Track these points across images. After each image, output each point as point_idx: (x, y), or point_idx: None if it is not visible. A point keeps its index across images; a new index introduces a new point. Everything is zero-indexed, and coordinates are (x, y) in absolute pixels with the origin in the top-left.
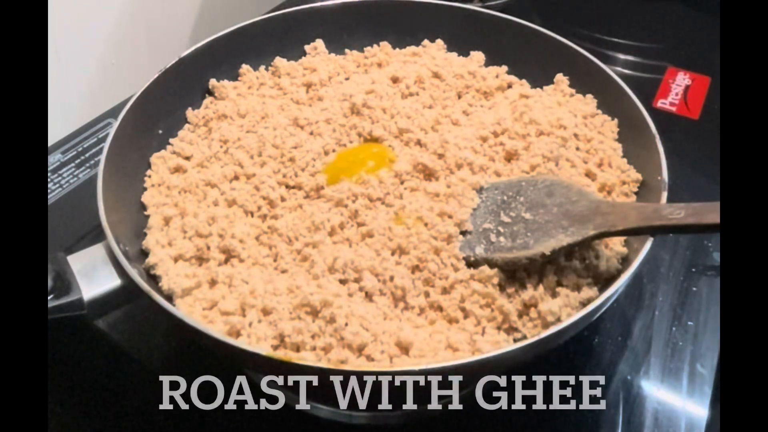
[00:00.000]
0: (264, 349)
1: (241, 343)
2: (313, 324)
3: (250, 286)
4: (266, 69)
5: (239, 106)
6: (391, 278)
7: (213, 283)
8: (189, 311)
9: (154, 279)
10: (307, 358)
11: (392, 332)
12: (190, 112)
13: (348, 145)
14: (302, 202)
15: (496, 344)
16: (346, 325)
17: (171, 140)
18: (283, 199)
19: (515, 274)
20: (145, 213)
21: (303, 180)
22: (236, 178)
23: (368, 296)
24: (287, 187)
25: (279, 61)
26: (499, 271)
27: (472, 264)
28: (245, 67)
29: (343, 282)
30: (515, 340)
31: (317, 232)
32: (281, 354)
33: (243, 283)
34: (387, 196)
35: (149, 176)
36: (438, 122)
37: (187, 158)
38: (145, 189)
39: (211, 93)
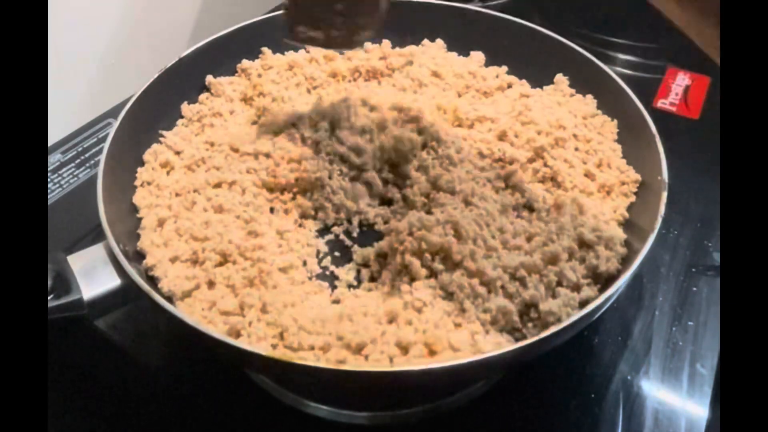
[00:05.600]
0: (264, 348)
1: (241, 343)
2: (312, 324)
3: (249, 288)
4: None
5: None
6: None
7: (211, 284)
8: (189, 312)
9: (152, 280)
10: (306, 358)
11: (392, 332)
12: (185, 107)
13: None
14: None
15: (497, 344)
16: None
17: (164, 133)
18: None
19: (516, 273)
20: (138, 215)
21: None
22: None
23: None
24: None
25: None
26: (503, 272)
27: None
28: (245, 62)
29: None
30: (516, 340)
31: None
32: (279, 353)
33: (242, 280)
34: None
35: (139, 173)
36: None
37: (178, 153)
38: (136, 187)
39: (208, 89)
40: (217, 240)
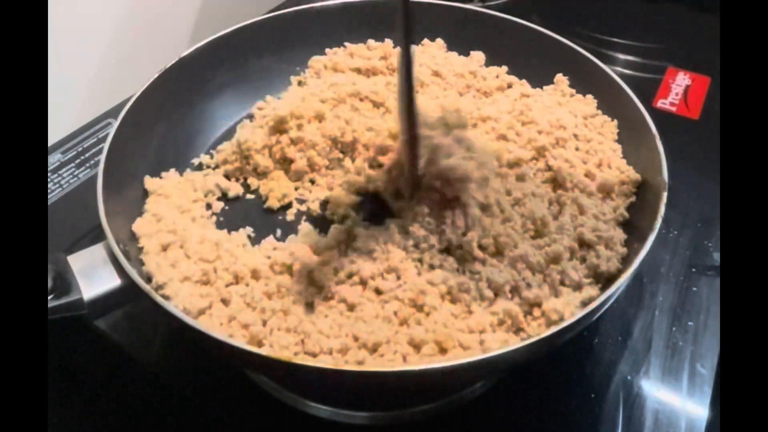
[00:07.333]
0: (267, 350)
1: (240, 343)
2: (330, 329)
3: (267, 300)
4: None
5: None
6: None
7: (225, 302)
8: (208, 326)
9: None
10: (325, 361)
11: (404, 332)
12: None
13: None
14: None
15: (504, 342)
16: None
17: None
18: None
19: (521, 274)
20: (138, 245)
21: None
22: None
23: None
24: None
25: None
26: (507, 273)
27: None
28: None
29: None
30: (521, 340)
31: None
32: (274, 353)
33: (260, 295)
34: None
35: (148, 203)
36: None
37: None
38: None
39: None
40: (231, 261)
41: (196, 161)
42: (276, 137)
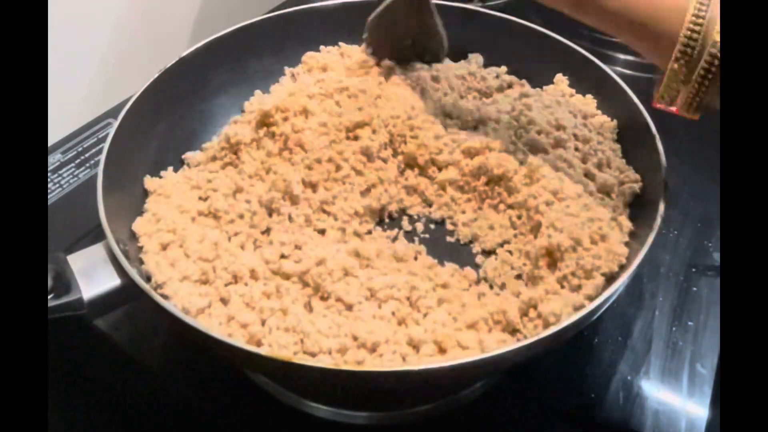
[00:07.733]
0: (266, 350)
1: (239, 342)
2: (329, 329)
3: (266, 299)
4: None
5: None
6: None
7: (224, 301)
8: (207, 326)
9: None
10: (322, 360)
11: (403, 332)
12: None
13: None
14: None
15: (502, 342)
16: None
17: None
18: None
19: (521, 276)
20: (138, 244)
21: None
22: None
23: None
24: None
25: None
26: (500, 270)
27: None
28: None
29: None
30: (518, 341)
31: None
32: (273, 352)
33: (260, 294)
34: None
35: (148, 203)
36: None
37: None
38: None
39: None
40: (230, 260)
41: (190, 155)
42: (263, 131)
